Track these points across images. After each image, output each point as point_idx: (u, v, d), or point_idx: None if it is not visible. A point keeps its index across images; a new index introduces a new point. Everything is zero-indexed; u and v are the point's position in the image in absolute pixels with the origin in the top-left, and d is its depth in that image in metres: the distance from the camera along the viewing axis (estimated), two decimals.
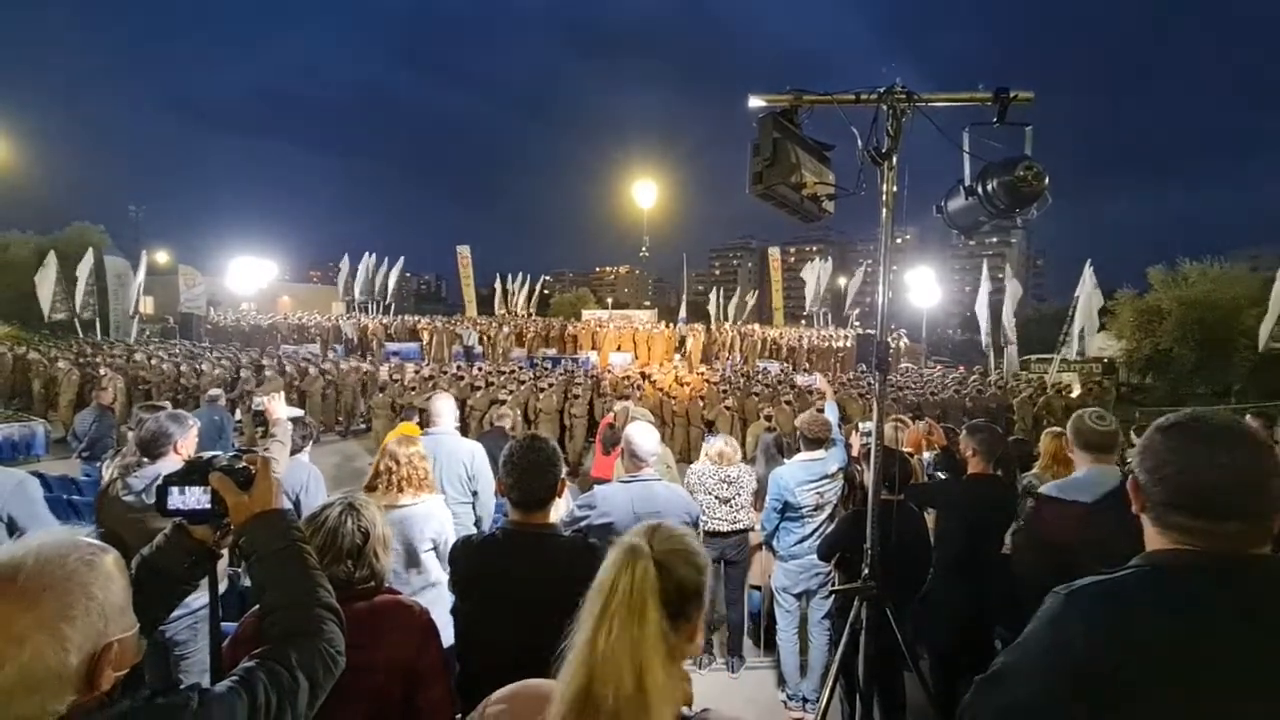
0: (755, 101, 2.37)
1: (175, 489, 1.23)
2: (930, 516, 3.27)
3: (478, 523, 3.47)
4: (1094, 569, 1.05)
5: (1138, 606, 1.01)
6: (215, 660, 1.33)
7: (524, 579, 1.70)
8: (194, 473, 1.25)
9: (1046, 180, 2.12)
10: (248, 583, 3.03)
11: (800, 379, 16.82)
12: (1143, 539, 1.12)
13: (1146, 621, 0.99)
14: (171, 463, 2.61)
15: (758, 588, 4.39)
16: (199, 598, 2.45)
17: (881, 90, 2.28)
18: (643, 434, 2.61)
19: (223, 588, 2.25)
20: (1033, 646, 1.07)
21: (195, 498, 1.23)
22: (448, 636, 1.90)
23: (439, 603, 2.46)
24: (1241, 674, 0.94)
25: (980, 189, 2.22)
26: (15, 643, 0.78)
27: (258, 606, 1.60)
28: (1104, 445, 2.30)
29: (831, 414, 3.71)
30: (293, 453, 3.47)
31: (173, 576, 1.24)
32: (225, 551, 1.36)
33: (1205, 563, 1.02)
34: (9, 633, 0.78)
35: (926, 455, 3.99)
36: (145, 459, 2.71)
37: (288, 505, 1.32)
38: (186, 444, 2.74)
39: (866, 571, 2.42)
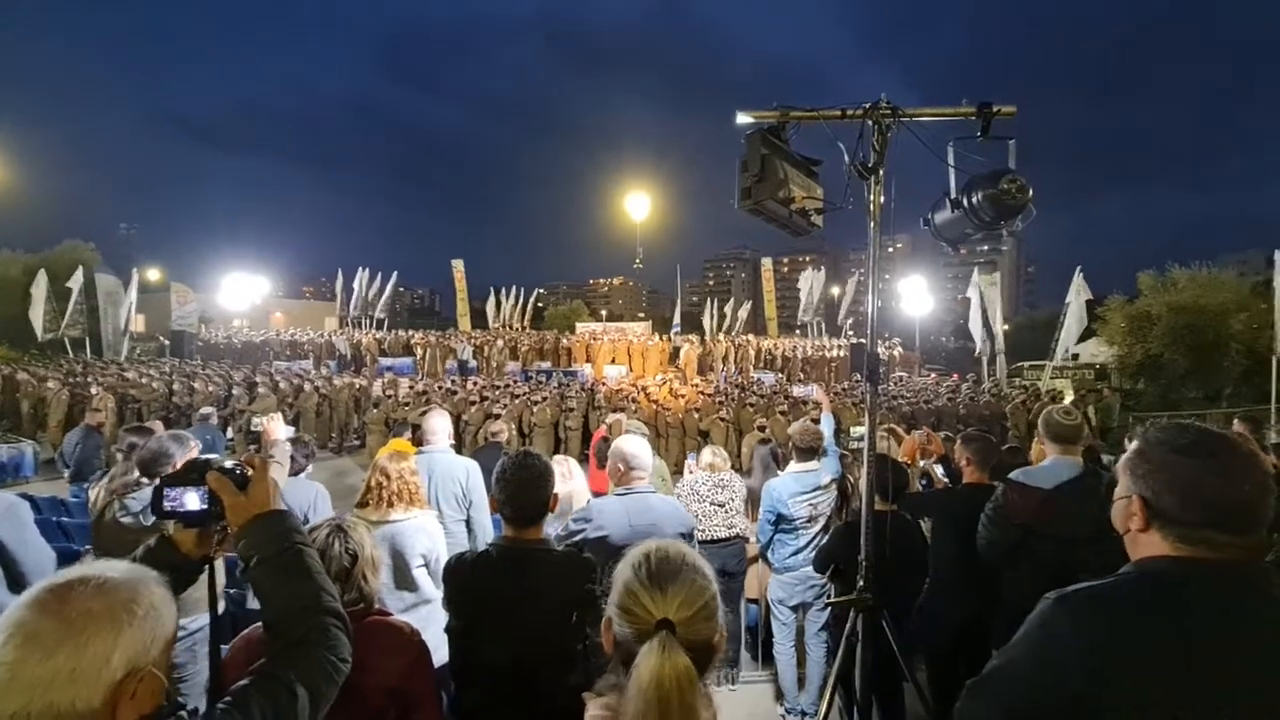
0: (743, 118, 2.40)
1: (170, 490, 1.21)
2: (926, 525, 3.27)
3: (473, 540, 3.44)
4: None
5: (1127, 613, 1.02)
6: (215, 678, 1.31)
7: (518, 596, 1.69)
8: (191, 473, 1.22)
9: (1030, 193, 2.15)
10: (241, 602, 3.01)
11: (797, 390, 16.85)
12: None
13: (1135, 627, 1.00)
14: None
15: (755, 601, 4.37)
16: (196, 620, 2.45)
17: (867, 106, 2.32)
18: (634, 445, 2.60)
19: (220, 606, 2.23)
20: (1022, 650, 1.08)
21: (191, 498, 1.20)
22: (441, 655, 1.89)
23: (431, 620, 2.44)
24: (1230, 680, 0.95)
25: (966, 202, 2.25)
26: (83, 619, 0.84)
27: (249, 629, 1.59)
28: (1070, 437, 2.56)
29: (827, 426, 3.71)
30: (296, 472, 3.46)
31: None
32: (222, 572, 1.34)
33: (1202, 570, 1.03)
34: (81, 608, 0.85)
35: (923, 464, 4.00)
36: (144, 479, 2.68)
37: (287, 507, 1.29)
38: None
39: (862, 582, 2.42)
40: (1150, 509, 1.09)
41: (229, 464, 1.25)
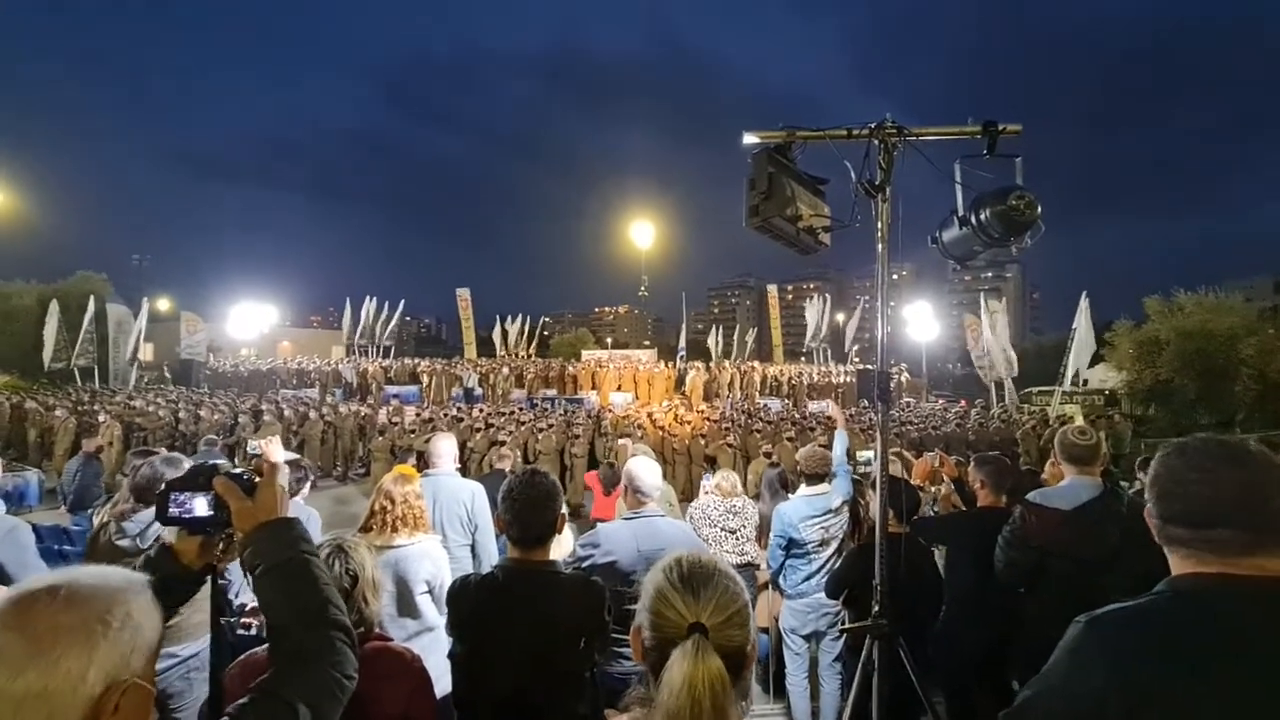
0: (750, 138, 2.42)
1: (178, 494, 1.17)
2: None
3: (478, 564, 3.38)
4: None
5: (1157, 633, 0.99)
6: (215, 699, 1.26)
7: (524, 619, 1.64)
8: (198, 477, 1.18)
9: (1039, 209, 2.15)
10: (240, 630, 2.94)
11: (812, 405, 16.69)
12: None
13: (1166, 648, 0.97)
14: None
15: (765, 630, 4.25)
16: (188, 646, 2.39)
17: (873, 125, 2.33)
18: (644, 468, 2.56)
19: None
20: (1054, 677, 1.05)
21: (200, 503, 1.17)
22: (444, 685, 1.83)
23: (434, 648, 2.37)
24: (1261, 702, 0.91)
25: (974, 219, 2.24)
26: (52, 634, 0.77)
27: (247, 654, 1.54)
28: (1086, 458, 2.51)
29: (841, 443, 3.62)
30: (290, 495, 3.42)
31: None
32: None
33: (1224, 587, 1.00)
34: (49, 622, 0.78)
35: (933, 489, 3.92)
36: (140, 504, 2.66)
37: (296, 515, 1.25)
38: None
39: (877, 608, 2.35)
40: (1150, 515, 1.11)
41: (236, 470, 1.22)
